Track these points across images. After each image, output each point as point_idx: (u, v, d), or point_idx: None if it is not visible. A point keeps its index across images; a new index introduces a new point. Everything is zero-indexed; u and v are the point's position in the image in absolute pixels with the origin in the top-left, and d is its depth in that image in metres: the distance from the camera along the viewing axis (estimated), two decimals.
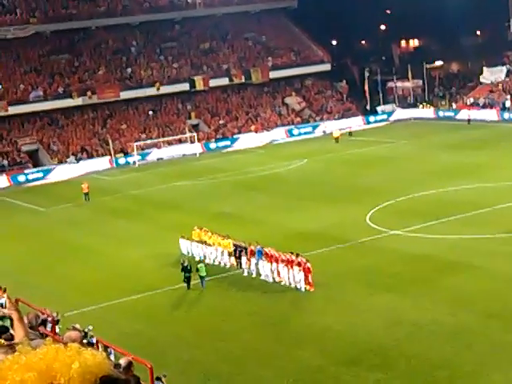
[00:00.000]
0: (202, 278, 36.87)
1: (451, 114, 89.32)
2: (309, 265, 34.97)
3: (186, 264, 36.93)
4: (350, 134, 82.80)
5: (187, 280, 36.76)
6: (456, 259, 37.28)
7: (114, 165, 79.71)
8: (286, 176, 64.16)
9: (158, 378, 17.94)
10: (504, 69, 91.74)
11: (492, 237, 40.19)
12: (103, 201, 61.33)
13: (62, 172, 76.96)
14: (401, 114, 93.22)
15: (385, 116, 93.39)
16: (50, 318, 27.43)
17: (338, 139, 78.69)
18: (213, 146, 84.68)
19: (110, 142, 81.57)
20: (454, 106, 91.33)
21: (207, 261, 40.47)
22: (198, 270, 36.91)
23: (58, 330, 26.75)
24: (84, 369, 4.93)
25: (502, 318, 29.56)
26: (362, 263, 38.29)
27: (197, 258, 40.93)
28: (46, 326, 27.08)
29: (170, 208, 55.75)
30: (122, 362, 10.07)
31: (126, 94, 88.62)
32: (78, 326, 24.91)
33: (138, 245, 46.31)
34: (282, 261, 36.13)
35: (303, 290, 35.00)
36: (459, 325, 29.17)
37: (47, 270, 43.59)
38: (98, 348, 22.01)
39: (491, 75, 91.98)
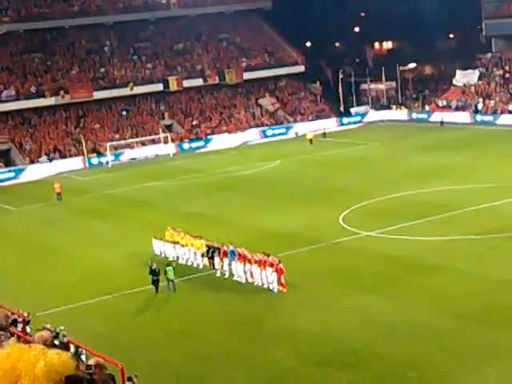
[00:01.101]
0: (170, 280, 36.40)
1: (424, 116, 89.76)
2: (281, 265, 34.94)
3: (153, 267, 36.50)
4: (324, 135, 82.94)
5: (155, 283, 36.43)
6: (429, 260, 37.38)
7: (87, 165, 79.33)
8: (260, 177, 64.13)
9: (129, 379, 17.79)
10: (476, 71, 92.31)
11: (465, 238, 40.36)
12: (76, 201, 61.00)
13: (35, 172, 76.47)
14: (374, 115, 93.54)
15: (358, 118, 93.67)
16: (20, 318, 27.24)
17: (312, 141, 78.78)
18: (186, 146, 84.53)
19: (83, 141, 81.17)
20: (427, 108, 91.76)
21: (180, 261, 40.35)
22: (166, 272, 36.34)
23: (28, 330, 26.56)
24: (49, 367, 4.85)
25: (476, 318, 29.64)
26: (335, 264, 38.32)
27: (170, 259, 40.78)
28: (16, 326, 26.88)
29: (144, 208, 55.54)
30: (92, 362, 9.95)
31: (99, 94, 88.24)
32: (48, 326, 24.68)
33: (110, 245, 46.11)
34: (255, 261, 36.06)
35: (276, 290, 34.96)
36: (433, 326, 29.22)
37: (18, 269, 43.25)
38: (69, 348, 21.84)
39: (464, 78, 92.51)
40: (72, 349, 21.38)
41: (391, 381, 25.46)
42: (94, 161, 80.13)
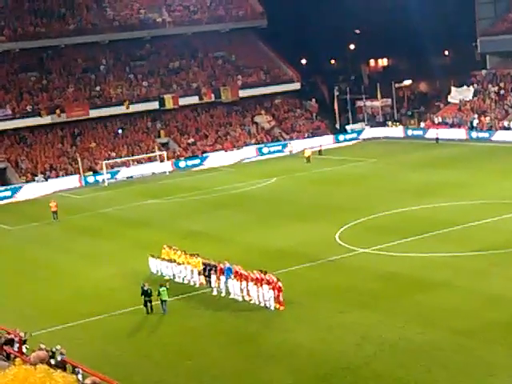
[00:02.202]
0: (163, 301, 35.97)
1: (420, 132, 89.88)
2: (280, 284, 34.87)
3: (146, 288, 36.16)
4: (320, 152, 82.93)
5: (147, 304, 35.97)
6: (426, 277, 37.35)
7: (83, 183, 79.26)
8: (257, 194, 64.12)
9: None
10: (471, 88, 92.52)
11: (461, 255, 40.34)
12: (72, 219, 60.90)
13: (31, 190, 76.38)
14: (370, 132, 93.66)
15: (354, 135, 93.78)
16: (17, 338, 27.14)
17: (310, 158, 78.49)
18: (182, 164, 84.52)
19: (79, 160, 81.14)
20: (423, 124, 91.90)
21: (176, 279, 40.32)
22: (159, 293, 35.91)
23: (24, 350, 26.47)
24: None
25: (472, 335, 29.59)
26: (332, 281, 38.27)
27: (166, 277, 40.72)
28: (13, 346, 26.77)
29: (140, 226, 55.47)
30: (88, 381, 9.93)
31: (95, 113, 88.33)
32: (43, 346, 24.62)
33: (107, 263, 46.01)
34: (252, 279, 36.00)
35: (273, 308, 34.88)
36: (429, 342, 29.17)
37: (14, 289, 43.16)
38: (65, 368, 21.76)
39: (459, 95, 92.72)
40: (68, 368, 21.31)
41: None
42: (90, 179, 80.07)
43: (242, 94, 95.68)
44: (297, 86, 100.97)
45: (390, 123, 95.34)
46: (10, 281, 44.99)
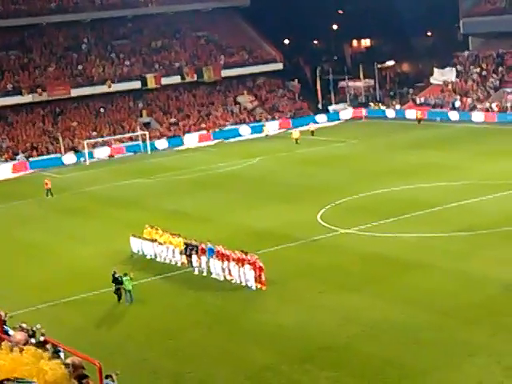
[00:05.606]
0: (127, 291, 35.23)
1: (402, 113, 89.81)
2: (260, 263, 34.90)
3: (116, 275, 35.69)
4: (313, 133, 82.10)
5: (118, 291, 35.50)
6: (407, 258, 37.48)
7: (65, 162, 78.77)
8: (239, 174, 64.00)
9: (108, 376, 17.72)
10: (454, 70, 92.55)
11: (443, 235, 40.48)
12: (54, 199, 60.58)
13: (12, 169, 75.87)
14: (352, 113, 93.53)
15: (336, 115, 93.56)
16: None
17: (298, 140, 77.58)
18: (164, 144, 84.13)
19: (61, 139, 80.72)
20: (404, 105, 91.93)
21: (158, 259, 40.33)
22: (122, 283, 35.23)
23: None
24: None
25: (453, 315, 29.79)
26: (313, 261, 38.33)
27: (148, 257, 40.75)
28: None
29: (122, 206, 55.30)
30: (70, 361, 9.86)
31: (76, 92, 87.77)
32: (24, 325, 24.53)
33: (89, 243, 45.85)
34: (233, 259, 36.03)
35: (254, 288, 34.93)
36: (411, 323, 29.31)
37: None
38: (45, 347, 21.68)
39: (441, 76, 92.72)
40: (49, 347, 21.22)
41: (372, 378, 25.53)
42: (72, 158, 79.60)
43: (225, 73, 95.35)
44: (279, 66, 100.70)
45: (372, 104, 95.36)
46: None
